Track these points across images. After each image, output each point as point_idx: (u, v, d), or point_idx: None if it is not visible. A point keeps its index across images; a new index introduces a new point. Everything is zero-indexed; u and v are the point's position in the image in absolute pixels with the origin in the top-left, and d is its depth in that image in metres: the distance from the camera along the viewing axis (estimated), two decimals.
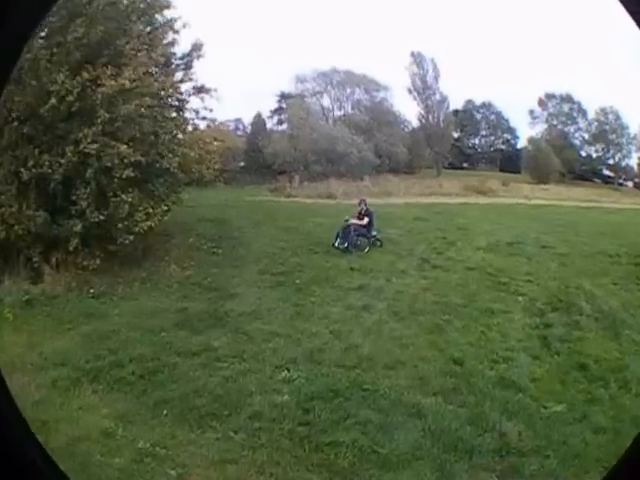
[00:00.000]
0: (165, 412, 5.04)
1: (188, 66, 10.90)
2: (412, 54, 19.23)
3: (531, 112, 23.55)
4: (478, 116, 26.06)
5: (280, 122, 18.89)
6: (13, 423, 1.02)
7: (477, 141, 26.41)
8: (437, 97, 19.85)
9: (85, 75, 8.15)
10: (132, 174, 8.46)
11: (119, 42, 8.81)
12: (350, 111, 19.35)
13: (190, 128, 10.44)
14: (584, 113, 24.46)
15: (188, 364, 5.97)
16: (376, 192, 15.33)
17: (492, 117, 26.04)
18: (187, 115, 10.82)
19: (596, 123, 24.56)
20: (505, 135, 26.19)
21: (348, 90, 19.26)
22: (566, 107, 24.09)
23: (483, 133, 26.36)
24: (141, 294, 8.41)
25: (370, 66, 18.85)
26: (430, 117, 20.23)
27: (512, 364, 6.17)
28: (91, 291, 8.27)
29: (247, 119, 18.84)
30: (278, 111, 19.05)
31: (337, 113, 19.37)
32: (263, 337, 6.76)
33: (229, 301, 8.08)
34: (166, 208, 9.32)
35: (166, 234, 11.14)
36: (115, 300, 8.13)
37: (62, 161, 8.21)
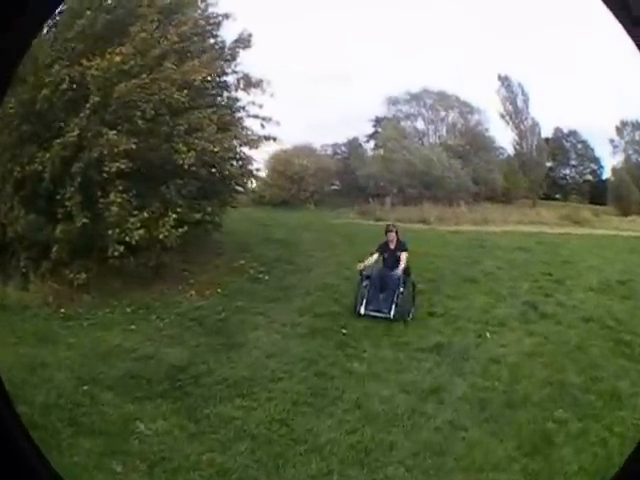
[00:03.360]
0: None
1: (233, 57, 8.63)
2: (499, 77, 18.00)
3: (611, 141, 20.85)
4: (567, 145, 24.29)
5: (377, 146, 18.06)
6: (8, 422, 1.01)
7: (567, 171, 24.66)
8: (529, 123, 18.71)
9: (85, 63, 6.52)
10: (123, 167, 6.36)
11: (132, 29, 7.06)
12: (445, 134, 18.36)
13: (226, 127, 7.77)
14: None
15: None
16: (473, 219, 13.54)
17: (579, 146, 24.19)
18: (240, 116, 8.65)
19: None
20: (591, 165, 24.36)
21: (442, 113, 18.24)
22: (638, 135, 21.38)
23: (573, 163, 24.63)
24: (121, 323, 5.97)
25: (460, 88, 17.76)
26: (524, 144, 19.12)
27: None
28: (62, 310, 6.18)
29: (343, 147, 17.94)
30: (374, 135, 18.29)
31: (432, 136, 18.41)
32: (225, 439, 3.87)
33: (224, 354, 5.25)
34: (185, 218, 6.96)
35: (206, 252, 9.24)
36: (84, 326, 5.89)
37: (47, 155, 6.41)
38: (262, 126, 8.63)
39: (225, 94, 9.00)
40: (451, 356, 5.30)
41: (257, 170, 9.26)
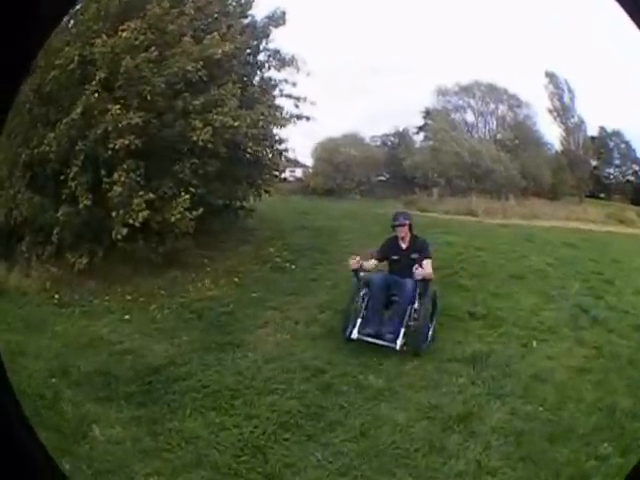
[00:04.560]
0: None
1: (265, 34, 7.95)
2: (546, 73, 17.20)
3: None
4: (610, 144, 23.24)
5: (427, 138, 17.32)
6: (16, 422, 0.98)
7: (611, 170, 23.79)
8: (575, 120, 18.04)
9: (96, 42, 5.93)
10: (128, 143, 5.67)
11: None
12: (494, 128, 17.70)
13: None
14: None
15: None
16: (521, 213, 12.85)
17: (622, 146, 23.06)
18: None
19: None
20: (633, 166, 23.26)
21: (492, 106, 17.47)
22: None
23: (616, 162, 23.62)
24: (115, 312, 5.33)
25: (509, 81, 17.33)
26: (571, 140, 18.51)
27: None
28: (56, 296, 5.62)
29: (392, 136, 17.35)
30: (424, 127, 17.52)
31: (481, 129, 17.73)
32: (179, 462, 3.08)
33: (214, 355, 4.42)
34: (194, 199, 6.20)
35: (233, 239, 7.91)
36: (76, 314, 5.28)
37: (52, 135, 5.89)
38: (296, 106, 7.97)
39: (258, 73, 8.26)
40: (490, 370, 4.12)
41: (286, 151, 8.34)
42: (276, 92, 8.16)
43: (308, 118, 7.98)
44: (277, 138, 8.05)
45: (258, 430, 3.34)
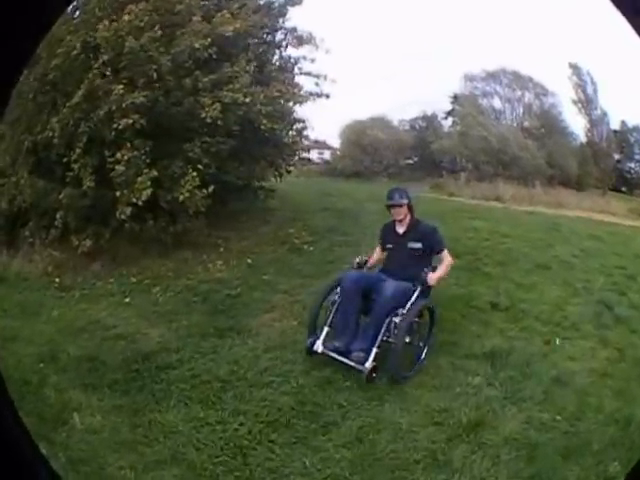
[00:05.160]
0: None
1: (282, 13, 7.63)
2: (570, 64, 16.84)
3: None
4: (631, 139, 22.61)
5: (455, 123, 17.10)
6: (10, 424, 0.96)
7: (632, 165, 23.32)
8: (598, 112, 17.81)
9: (101, 27, 5.68)
10: (132, 122, 5.45)
11: None
12: (521, 115, 17.40)
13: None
14: None
15: None
16: (547, 201, 12.52)
17: None
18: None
19: None
20: None
21: (518, 93, 17.16)
22: None
23: (637, 157, 23.07)
24: (116, 295, 5.09)
25: (534, 69, 17.04)
26: (595, 132, 18.25)
27: None
28: (57, 280, 5.40)
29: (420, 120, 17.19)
30: (451, 112, 17.27)
31: (509, 116, 17.44)
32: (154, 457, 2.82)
33: (211, 341, 4.10)
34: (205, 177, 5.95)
35: (252, 220, 7.54)
36: (75, 297, 5.04)
37: (55, 120, 5.73)
38: (316, 84, 7.60)
39: (276, 52, 7.95)
40: (509, 370, 3.65)
41: (305, 129, 7.95)
42: (295, 71, 7.87)
43: (328, 96, 7.59)
44: (296, 117, 7.75)
45: (243, 428, 3.01)
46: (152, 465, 2.71)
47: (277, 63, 7.78)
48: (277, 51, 7.91)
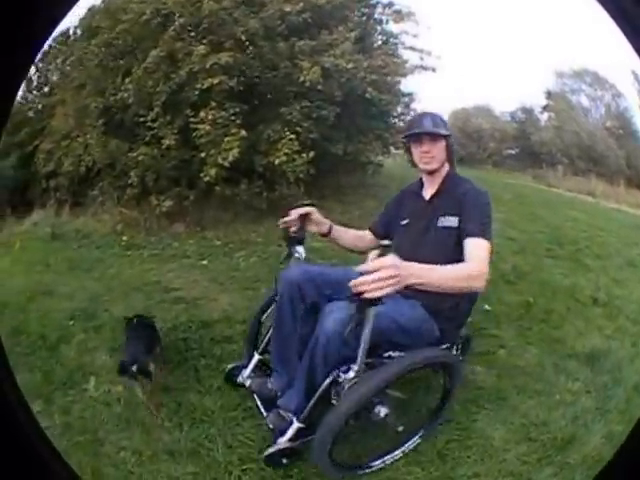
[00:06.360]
0: None
1: None
2: (632, 72, 15.70)
3: None
4: None
5: (551, 118, 17.32)
6: (25, 424, 0.91)
7: None
8: None
9: None
10: (217, 82, 5.18)
11: None
12: (603, 114, 17.25)
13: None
14: None
15: None
16: (630, 201, 12.05)
17: None
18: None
19: None
20: None
21: (599, 92, 17.06)
22: None
23: None
24: (192, 257, 4.70)
25: (611, 72, 17.17)
26: None
27: None
28: (124, 238, 5.15)
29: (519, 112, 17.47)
30: (547, 107, 17.50)
31: (594, 114, 17.33)
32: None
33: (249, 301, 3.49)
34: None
35: (357, 193, 7.24)
36: (144, 256, 4.70)
37: (128, 80, 5.60)
38: (421, 58, 7.14)
39: (378, 28, 7.59)
40: (604, 374, 2.80)
41: (413, 101, 7.60)
42: (398, 45, 7.50)
43: (434, 69, 7.13)
44: (403, 91, 7.45)
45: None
46: (163, 455, 2.03)
47: (379, 37, 7.45)
48: (378, 27, 7.55)
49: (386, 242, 1.75)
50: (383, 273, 1.40)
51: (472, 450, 2.11)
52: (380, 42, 7.24)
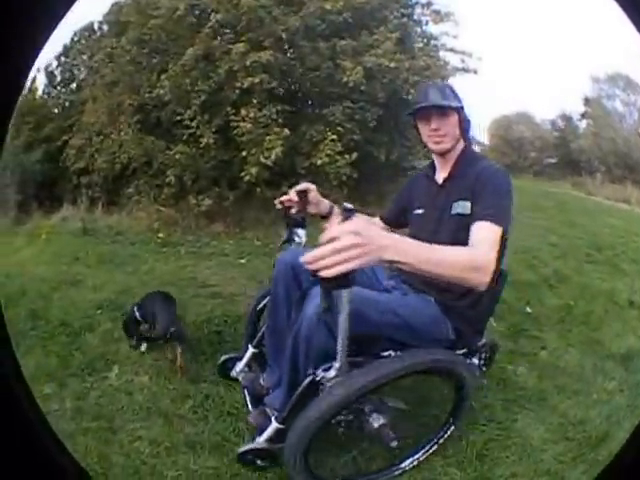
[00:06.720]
0: None
1: None
2: None
3: None
4: None
5: (589, 125, 17.04)
6: (41, 433, 0.88)
7: None
8: None
9: None
10: (258, 81, 5.17)
11: None
12: (637, 120, 16.66)
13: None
14: None
15: None
16: None
17: None
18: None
19: None
20: None
21: (632, 97, 16.48)
22: None
23: None
24: (230, 256, 4.68)
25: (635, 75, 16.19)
26: None
27: None
28: (160, 235, 5.13)
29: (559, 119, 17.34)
30: (585, 114, 17.10)
31: (628, 120, 16.78)
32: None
33: None
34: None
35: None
36: (180, 254, 4.71)
37: (164, 77, 5.59)
38: (462, 60, 7.01)
39: (418, 30, 7.49)
40: (638, 372, 2.78)
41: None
42: (439, 47, 7.39)
43: (476, 71, 6.99)
44: None
45: None
46: (183, 447, 1.89)
47: (419, 39, 7.33)
48: (418, 29, 7.46)
49: (349, 205, 1.27)
50: (339, 243, 1.06)
51: (511, 450, 2.06)
52: (421, 44, 7.11)
